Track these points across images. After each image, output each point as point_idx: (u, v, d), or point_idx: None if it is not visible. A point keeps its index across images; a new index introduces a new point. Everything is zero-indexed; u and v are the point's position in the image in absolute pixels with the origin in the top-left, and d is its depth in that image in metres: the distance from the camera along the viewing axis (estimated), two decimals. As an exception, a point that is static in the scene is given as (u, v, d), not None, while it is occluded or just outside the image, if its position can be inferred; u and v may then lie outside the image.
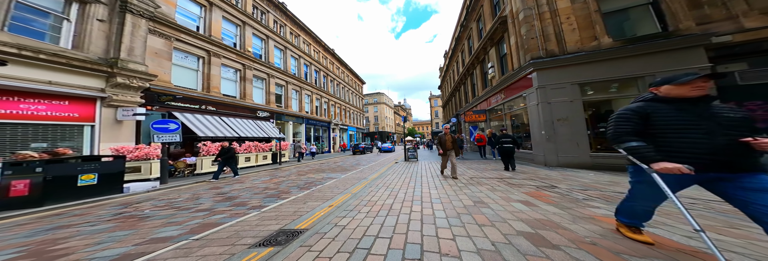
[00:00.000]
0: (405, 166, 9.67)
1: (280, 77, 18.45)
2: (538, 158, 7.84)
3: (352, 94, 37.00)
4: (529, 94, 8.13)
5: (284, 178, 7.92)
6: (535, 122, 7.82)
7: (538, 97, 7.59)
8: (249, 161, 11.90)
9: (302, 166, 12.42)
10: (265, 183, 7.07)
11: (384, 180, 6.52)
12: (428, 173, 7.46)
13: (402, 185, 5.73)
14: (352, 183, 6.38)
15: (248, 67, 14.97)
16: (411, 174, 7.40)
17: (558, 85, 7.33)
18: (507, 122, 11.07)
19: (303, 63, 22.67)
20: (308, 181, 7.23)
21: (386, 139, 55.43)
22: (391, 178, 6.96)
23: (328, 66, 28.72)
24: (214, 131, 10.63)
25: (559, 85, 7.31)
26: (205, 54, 11.98)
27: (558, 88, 7.32)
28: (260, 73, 16.36)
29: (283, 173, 9.42)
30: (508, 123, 11.02)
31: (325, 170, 9.97)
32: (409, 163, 11.01)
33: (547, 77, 7.50)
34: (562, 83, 7.28)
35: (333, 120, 27.00)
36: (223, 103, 12.57)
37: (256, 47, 16.74)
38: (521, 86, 8.86)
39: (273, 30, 18.09)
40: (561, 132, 7.14)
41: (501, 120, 12.43)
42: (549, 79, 7.47)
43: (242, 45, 14.96)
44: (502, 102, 10.99)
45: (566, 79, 7.24)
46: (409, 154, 12.65)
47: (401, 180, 6.44)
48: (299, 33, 22.55)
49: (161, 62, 9.72)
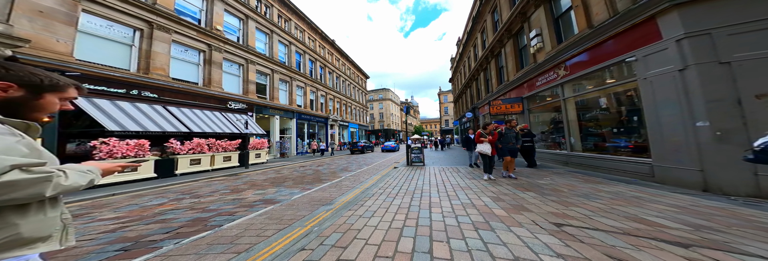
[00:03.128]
0: (406, 176, 6.12)
1: (263, 64, 14.98)
2: (683, 175, 3.94)
3: (355, 89, 33.44)
4: (650, 54, 4.38)
5: (183, 203, 4.36)
6: (671, 105, 4.08)
7: (682, 56, 3.85)
8: (198, 165, 8.43)
9: (269, 171, 8.93)
10: (114, 220, 3.51)
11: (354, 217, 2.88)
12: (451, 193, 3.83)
13: (391, 240, 2.09)
14: (283, 225, 2.86)
15: (216, 49, 11.51)
16: (414, 195, 3.76)
17: (746, 26, 3.52)
18: (567, 112, 7.30)
19: (294, 51, 19.16)
20: (216, 210, 3.66)
21: (391, 137, 51.98)
22: (375, 205, 3.36)
23: (327, 57, 25.16)
24: (146, 124, 7.20)
25: (751, 25, 3.51)
26: (144, 25, 8.54)
27: (746, 31, 3.52)
28: (235, 58, 12.90)
29: (211, 188, 5.82)
30: (570, 112, 7.26)
31: (288, 180, 6.48)
32: (412, 170, 7.43)
33: (712, 13, 3.72)
34: (757, 22, 3.49)
35: (331, 115, 23.52)
36: (173, 89, 9.15)
37: (232, 27, 13.27)
38: (619, 48, 5.13)
39: (254, 9, 14.58)
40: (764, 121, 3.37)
41: (548, 110, 8.66)
42: (719, 15, 3.67)
43: (208, 22, 11.49)
44: (560, 81, 7.24)
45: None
46: (413, 156, 9.10)
47: (393, 218, 2.82)
48: (290, 17, 19.00)
49: (54, 26, 6.29)
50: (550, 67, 7.88)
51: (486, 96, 15.57)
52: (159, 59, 8.76)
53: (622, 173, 5.08)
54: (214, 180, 7.18)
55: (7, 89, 0.74)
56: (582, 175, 5.58)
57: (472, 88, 20.38)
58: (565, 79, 7.06)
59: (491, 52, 13.74)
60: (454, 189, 4.67)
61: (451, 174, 6.56)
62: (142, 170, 6.51)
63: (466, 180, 5.62)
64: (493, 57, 13.93)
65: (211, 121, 10.14)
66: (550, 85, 7.94)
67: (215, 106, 11.13)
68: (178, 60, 9.86)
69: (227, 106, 11.77)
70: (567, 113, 7.22)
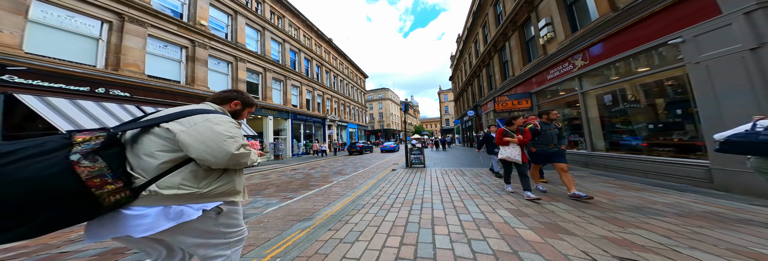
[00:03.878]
0: (404, 180, 5.23)
1: (254, 62, 14.13)
2: (756, 183, 3.03)
3: (353, 89, 32.58)
4: (704, 33, 3.52)
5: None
6: (738, 94, 3.22)
7: (755, 32, 2.99)
8: None
9: (256, 175, 7.93)
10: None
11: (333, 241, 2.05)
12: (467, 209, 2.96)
13: None
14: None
15: (201, 45, 10.67)
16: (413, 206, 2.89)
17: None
18: (587, 107, 6.44)
19: (289, 49, 18.31)
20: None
21: (391, 136, 51.20)
22: (363, 222, 2.47)
23: (323, 55, 24.32)
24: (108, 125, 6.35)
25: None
26: (113, 17, 7.68)
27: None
28: (222, 55, 12.05)
29: None
30: (590, 107, 6.40)
31: (271, 186, 5.51)
32: (411, 173, 6.57)
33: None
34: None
35: (328, 115, 22.67)
36: (149, 87, 8.28)
37: (219, 23, 12.42)
38: (656, 29, 4.29)
39: (244, 5, 13.74)
40: None
41: (560, 106, 7.82)
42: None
43: (192, 16, 10.65)
44: (577, 73, 6.40)
45: None
46: (413, 157, 8.27)
47: (384, 244, 1.97)
48: (283, 13, 18.16)
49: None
50: (564, 59, 7.05)
51: (489, 93, 14.73)
52: (132, 55, 7.89)
53: (663, 177, 4.22)
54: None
55: (237, 105, 1.32)
56: (611, 178, 4.73)
57: (473, 86, 19.55)
58: (584, 70, 6.21)
59: (494, 47, 12.90)
60: (461, 197, 3.83)
61: (456, 178, 5.71)
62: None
63: (474, 185, 4.76)
64: (496, 51, 13.10)
65: (194, 122, 9.27)
66: (564, 78, 7.09)
67: (200, 106, 10.26)
68: (155, 56, 9.00)
69: (214, 106, 10.90)
70: (586, 108, 6.37)
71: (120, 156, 0.94)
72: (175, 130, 0.97)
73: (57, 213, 0.77)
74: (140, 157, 0.95)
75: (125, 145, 0.98)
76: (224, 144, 0.98)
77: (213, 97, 1.29)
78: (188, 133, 0.97)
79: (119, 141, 0.98)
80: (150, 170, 0.94)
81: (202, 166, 1.01)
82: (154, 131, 0.98)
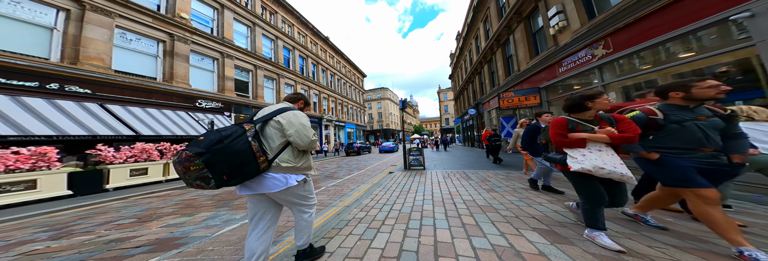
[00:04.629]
0: (402, 186, 4.35)
1: (243, 59, 13.25)
2: None
3: (351, 88, 31.67)
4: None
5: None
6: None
7: None
8: (145, 175, 6.62)
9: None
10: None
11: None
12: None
13: None
14: None
15: (181, 39, 9.80)
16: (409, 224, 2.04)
17: None
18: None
19: (282, 46, 17.43)
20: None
21: (391, 136, 50.33)
22: (339, 255, 1.65)
23: (320, 53, 23.43)
24: (64, 127, 5.45)
25: None
26: (71, 5, 6.80)
27: None
28: (207, 51, 11.18)
29: (114, 215, 3.84)
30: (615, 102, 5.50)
31: (224, 201, 4.76)
32: (410, 176, 5.68)
33: None
34: None
35: (325, 115, 21.79)
36: (116, 84, 7.40)
37: (203, 17, 11.54)
38: (708, 5, 3.40)
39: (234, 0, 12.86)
40: None
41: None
42: None
43: (170, 8, 9.77)
44: (597, 63, 5.50)
45: None
46: (411, 158, 7.39)
47: None
48: (276, 9, 17.29)
49: None
50: (580, 48, 6.15)
51: (492, 90, 13.83)
52: (94, 47, 7.02)
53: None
54: (147, 197, 5.41)
55: (301, 104, 1.93)
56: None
57: (474, 83, 18.64)
58: (605, 59, 5.31)
59: (497, 41, 11.99)
60: (470, 210, 2.95)
61: (460, 182, 4.83)
62: (44, 187, 4.77)
63: (483, 192, 3.87)
64: (499, 46, 12.19)
65: (171, 122, 8.41)
66: (580, 70, 6.19)
67: (180, 104, 9.40)
68: (125, 49, 8.12)
69: (196, 105, 10.05)
70: (608, 104, 5.47)
71: (260, 139, 1.58)
72: (281, 122, 1.60)
73: (248, 170, 1.43)
74: (268, 140, 1.60)
75: (259, 133, 1.60)
76: (307, 132, 1.61)
77: (287, 97, 1.90)
78: (288, 123, 1.60)
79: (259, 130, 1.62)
80: (273, 149, 1.58)
81: (295, 148, 1.64)
82: (271, 123, 1.63)
